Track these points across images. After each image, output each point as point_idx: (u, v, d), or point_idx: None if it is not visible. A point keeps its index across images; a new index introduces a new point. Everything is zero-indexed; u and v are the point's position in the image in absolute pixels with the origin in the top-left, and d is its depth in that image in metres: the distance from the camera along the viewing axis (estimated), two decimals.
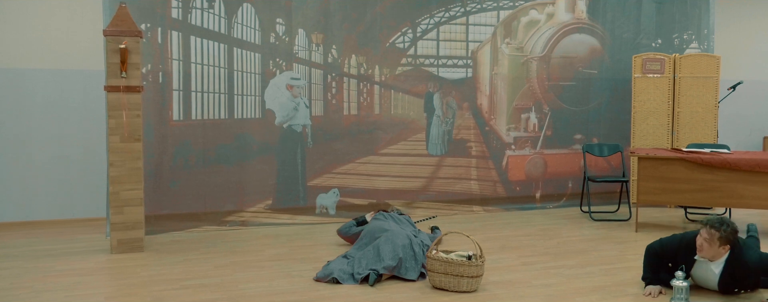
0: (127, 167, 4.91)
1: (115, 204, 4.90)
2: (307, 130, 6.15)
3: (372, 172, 6.42)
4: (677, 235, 4.12)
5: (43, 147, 6.01)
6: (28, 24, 5.92)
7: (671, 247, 4.06)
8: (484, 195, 6.84)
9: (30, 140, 5.98)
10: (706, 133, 6.81)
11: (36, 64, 5.95)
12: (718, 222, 3.81)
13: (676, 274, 3.85)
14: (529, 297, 3.97)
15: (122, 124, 4.88)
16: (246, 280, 4.29)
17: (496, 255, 4.94)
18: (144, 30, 5.53)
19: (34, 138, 5.99)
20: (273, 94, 6.01)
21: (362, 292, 4.05)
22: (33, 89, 5.97)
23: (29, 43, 5.92)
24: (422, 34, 6.58)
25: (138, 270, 4.51)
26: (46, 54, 5.96)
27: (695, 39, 7.50)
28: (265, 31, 5.97)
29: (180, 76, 5.70)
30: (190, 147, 5.76)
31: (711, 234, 3.79)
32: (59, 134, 6.03)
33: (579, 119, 7.18)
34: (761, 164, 5.39)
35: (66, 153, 6.05)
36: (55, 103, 6.01)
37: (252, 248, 5.16)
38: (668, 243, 4.09)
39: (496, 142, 6.91)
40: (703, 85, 6.81)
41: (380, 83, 6.43)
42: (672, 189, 5.63)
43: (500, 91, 6.88)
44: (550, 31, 7.02)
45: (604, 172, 7.15)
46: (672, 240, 4.09)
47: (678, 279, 3.82)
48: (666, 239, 4.13)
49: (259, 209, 6.01)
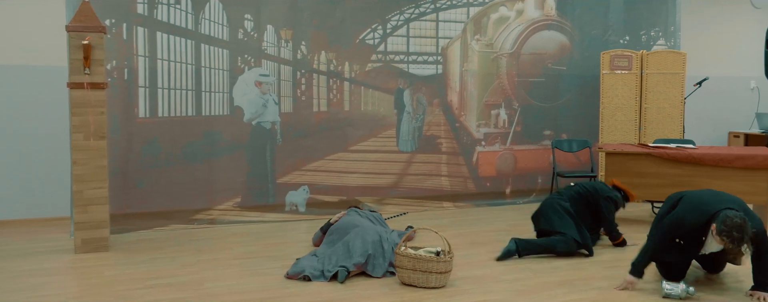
0: (91, 165, 4.83)
1: (79, 203, 4.81)
2: (277, 126, 6.10)
3: (342, 169, 6.40)
4: (690, 214, 3.88)
5: (6, 145, 5.87)
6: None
7: (692, 225, 3.85)
8: (455, 191, 6.86)
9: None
10: (673, 129, 6.91)
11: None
12: (742, 233, 3.57)
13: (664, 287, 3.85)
14: (497, 292, 3.99)
15: (86, 121, 4.79)
16: (213, 279, 4.24)
17: (466, 250, 4.96)
18: (109, 26, 5.44)
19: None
20: (241, 90, 5.95)
21: (332, 289, 4.03)
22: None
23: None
24: (392, 30, 6.57)
25: (103, 269, 4.44)
26: (9, 50, 5.83)
27: (662, 36, 7.61)
28: (233, 27, 5.91)
29: (146, 73, 5.62)
30: (158, 144, 5.68)
31: (744, 248, 3.63)
32: (22, 132, 5.89)
33: (548, 115, 7.23)
34: (725, 159, 5.49)
35: (29, 152, 5.92)
36: (18, 100, 5.88)
37: (220, 246, 5.11)
38: (689, 219, 3.87)
39: (466, 138, 6.93)
40: (669, 82, 6.91)
41: (350, 79, 6.41)
42: (639, 184, 5.69)
43: (470, 88, 6.90)
44: (520, 27, 7.06)
45: (573, 168, 7.22)
46: (692, 218, 3.86)
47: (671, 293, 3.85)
48: (684, 215, 3.91)
49: (227, 207, 5.95)
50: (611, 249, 5.03)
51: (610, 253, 4.92)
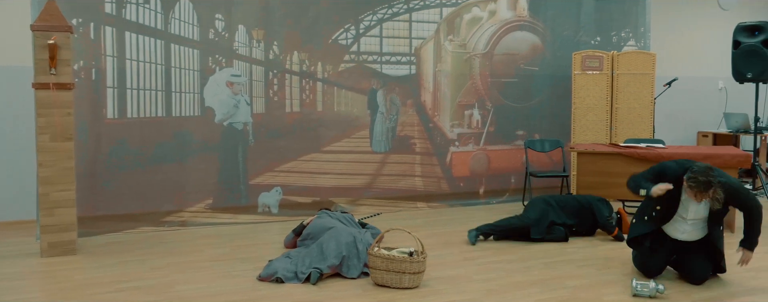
0: (57, 167, 4.73)
1: (45, 205, 4.71)
2: (249, 127, 6.04)
3: (315, 170, 6.36)
4: (675, 169, 4.10)
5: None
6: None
7: (672, 174, 4.08)
8: (429, 191, 6.86)
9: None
10: (643, 129, 6.99)
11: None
12: (708, 177, 3.81)
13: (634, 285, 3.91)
14: (470, 292, 3.99)
15: (52, 122, 4.69)
16: (184, 281, 4.18)
17: (440, 250, 4.95)
18: (75, 25, 5.33)
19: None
20: (212, 91, 5.88)
21: (305, 291, 3.99)
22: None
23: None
24: (365, 30, 6.55)
25: (70, 273, 4.34)
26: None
27: (632, 37, 7.69)
28: (204, 26, 5.84)
29: (114, 73, 5.52)
30: (127, 146, 5.59)
31: (716, 191, 3.85)
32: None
33: (521, 115, 7.27)
34: (694, 158, 5.53)
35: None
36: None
37: (191, 249, 5.04)
38: (671, 166, 4.13)
39: (439, 138, 6.94)
40: (639, 82, 6.99)
41: (323, 80, 6.38)
42: (610, 183, 5.75)
43: (444, 88, 6.91)
44: (493, 28, 7.09)
45: (545, 167, 7.26)
46: (674, 166, 4.11)
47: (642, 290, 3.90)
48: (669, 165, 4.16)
49: (199, 209, 5.87)
50: (582, 248, 5.07)
51: (582, 252, 4.96)
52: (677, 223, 4.16)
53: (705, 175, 3.82)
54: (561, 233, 5.25)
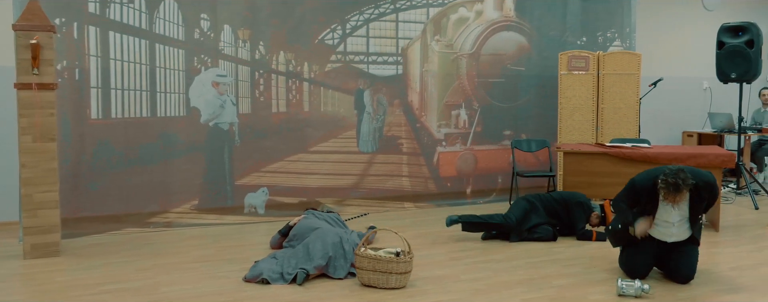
0: (40, 168, 4.68)
1: (28, 207, 4.66)
2: (235, 127, 6.01)
3: (302, 170, 6.34)
4: (644, 181, 4.12)
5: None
6: None
7: (641, 186, 4.10)
8: (416, 191, 6.86)
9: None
10: (629, 128, 7.03)
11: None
12: (678, 179, 3.85)
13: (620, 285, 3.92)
14: (457, 292, 3.98)
15: (35, 122, 4.64)
16: (170, 283, 4.15)
17: (427, 250, 4.95)
18: (58, 25, 5.28)
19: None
20: (198, 91, 5.84)
21: (291, 291, 3.98)
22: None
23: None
24: (352, 30, 6.53)
25: (53, 275, 4.30)
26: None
27: (618, 37, 7.73)
28: (189, 26, 5.80)
29: (98, 73, 5.47)
30: (111, 146, 5.54)
31: (684, 194, 3.90)
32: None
33: (508, 115, 7.29)
34: (679, 158, 5.60)
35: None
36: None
37: (177, 250, 5.00)
38: (638, 180, 4.15)
39: (427, 138, 6.94)
40: (625, 82, 7.02)
41: (309, 80, 6.36)
42: (596, 183, 5.77)
43: (430, 88, 6.91)
44: (479, 28, 7.10)
45: (532, 167, 7.28)
46: (641, 179, 4.13)
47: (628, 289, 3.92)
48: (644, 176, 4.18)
49: (184, 209, 5.84)
50: (569, 248, 5.08)
51: (568, 252, 4.97)
52: (664, 228, 4.17)
53: (674, 177, 3.86)
54: (548, 232, 5.26)
